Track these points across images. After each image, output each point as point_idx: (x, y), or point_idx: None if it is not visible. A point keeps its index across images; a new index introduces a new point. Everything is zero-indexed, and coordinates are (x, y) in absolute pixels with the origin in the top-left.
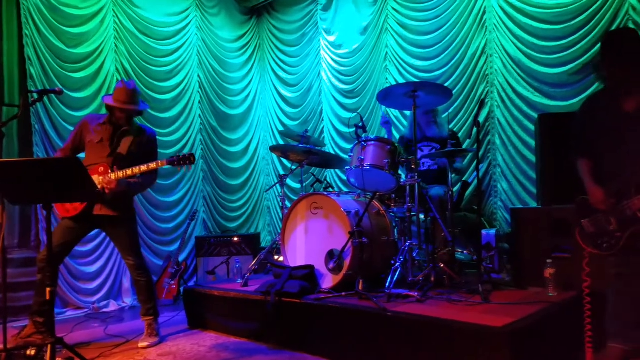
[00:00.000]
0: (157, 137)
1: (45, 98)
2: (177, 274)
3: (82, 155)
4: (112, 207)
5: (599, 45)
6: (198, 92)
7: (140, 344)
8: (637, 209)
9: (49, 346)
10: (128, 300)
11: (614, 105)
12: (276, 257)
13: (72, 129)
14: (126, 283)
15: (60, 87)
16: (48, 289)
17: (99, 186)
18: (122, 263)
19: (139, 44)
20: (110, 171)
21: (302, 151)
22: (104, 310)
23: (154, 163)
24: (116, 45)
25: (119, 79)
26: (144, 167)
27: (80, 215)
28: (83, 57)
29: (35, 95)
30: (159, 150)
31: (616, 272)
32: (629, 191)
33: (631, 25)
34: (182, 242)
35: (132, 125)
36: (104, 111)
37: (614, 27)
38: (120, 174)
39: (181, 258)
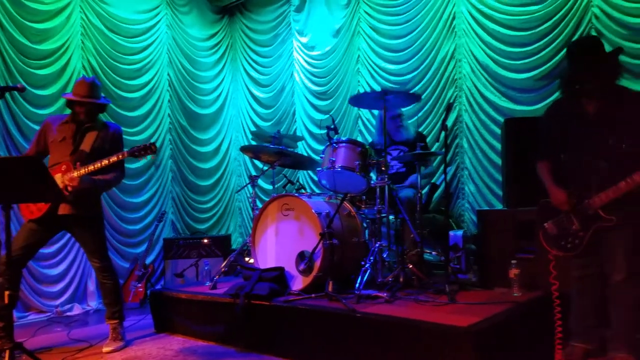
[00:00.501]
0: (125, 137)
1: (7, 95)
2: (144, 277)
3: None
4: (77, 207)
5: (563, 51)
6: (167, 90)
7: (105, 349)
8: (598, 206)
9: (7, 352)
10: (93, 304)
11: (576, 110)
12: (247, 258)
13: (36, 127)
14: (91, 286)
15: (23, 84)
16: (7, 293)
17: (62, 185)
18: (88, 265)
19: (106, 41)
20: (73, 168)
21: (273, 152)
22: (68, 313)
23: (115, 156)
24: (83, 42)
25: (86, 75)
26: (105, 161)
27: (44, 216)
28: (48, 54)
29: None
30: (126, 150)
31: (578, 274)
32: (589, 190)
33: (593, 33)
34: (149, 244)
35: (95, 122)
36: (68, 111)
37: (577, 35)
38: (83, 170)
39: (148, 260)
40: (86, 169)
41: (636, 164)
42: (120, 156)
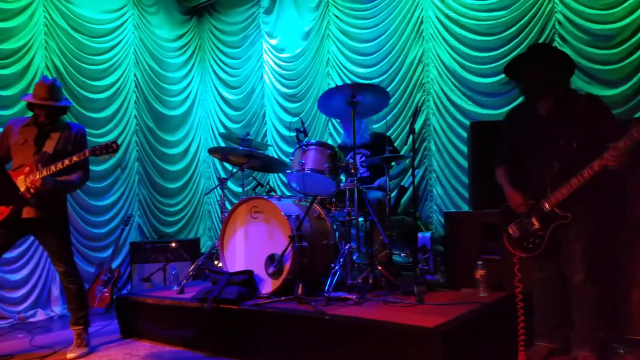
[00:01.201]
0: (90, 139)
1: None
2: (110, 282)
3: None
4: (41, 210)
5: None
6: (134, 91)
7: (69, 355)
8: (554, 205)
9: None
10: (57, 309)
11: (530, 110)
12: (216, 262)
13: None
14: (55, 291)
15: None
16: None
17: (24, 187)
18: (52, 270)
19: (71, 41)
20: (35, 170)
21: (242, 154)
22: (31, 320)
23: (76, 156)
24: (46, 42)
25: (50, 76)
26: (67, 161)
27: (6, 220)
28: (10, 53)
29: None
30: (87, 149)
31: (539, 275)
32: (545, 189)
33: (557, 39)
34: (115, 247)
35: (57, 123)
36: (30, 113)
37: (541, 40)
38: (45, 171)
39: (115, 265)
40: (48, 170)
41: (587, 162)
42: (81, 155)
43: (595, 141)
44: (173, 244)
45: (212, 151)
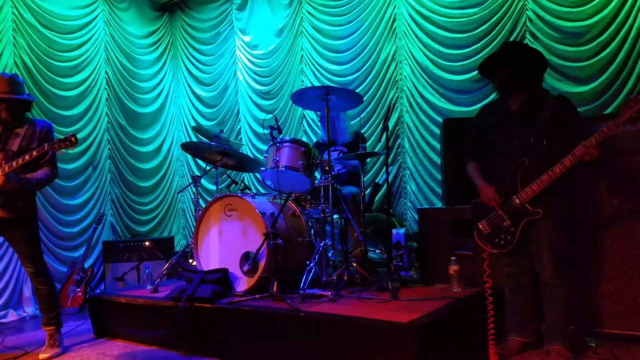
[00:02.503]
0: (61, 136)
1: None
2: (82, 281)
3: None
4: (8, 209)
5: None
6: (105, 89)
7: (41, 356)
8: (525, 201)
9: None
10: (29, 310)
11: (502, 107)
12: (190, 261)
13: None
14: (27, 292)
15: None
16: None
17: None
18: (23, 270)
19: (40, 38)
20: None
21: (216, 151)
22: (2, 320)
23: (35, 150)
24: (15, 38)
25: (18, 74)
26: (27, 157)
27: None
28: None
29: None
30: (62, 150)
31: (509, 270)
32: (516, 186)
33: (528, 36)
34: (87, 247)
35: (20, 119)
36: None
37: (512, 37)
38: (7, 168)
39: (87, 264)
40: (10, 167)
41: (556, 159)
42: (40, 150)
43: (564, 138)
44: (147, 243)
45: (185, 147)
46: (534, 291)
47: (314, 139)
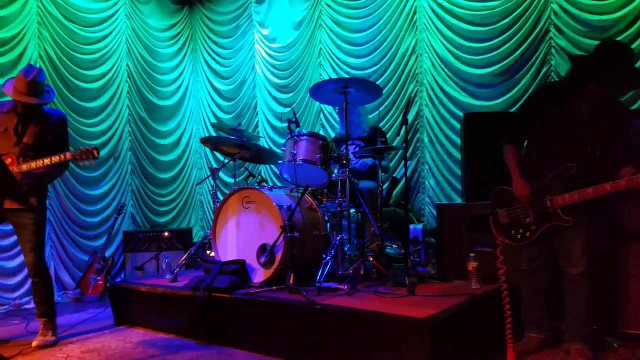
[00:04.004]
0: (83, 128)
1: None
2: (103, 270)
3: None
4: (20, 201)
5: (531, 46)
6: (126, 81)
7: (34, 343)
8: (559, 205)
9: None
10: None
11: (570, 106)
12: (208, 252)
13: None
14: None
15: None
16: None
17: None
18: (46, 257)
19: (64, 30)
20: (16, 163)
21: (234, 144)
22: (26, 306)
23: (57, 157)
24: (39, 31)
25: (42, 66)
26: (47, 161)
27: None
28: (2, 42)
29: None
30: (84, 141)
31: (527, 267)
32: (555, 188)
33: (552, 29)
34: (108, 236)
35: (37, 112)
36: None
37: (536, 31)
38: (25, 166)
39: (108, 253)
40: (28, 166)
41: (605, 172)
42: (62, 157)
43: (615, 151)
44: (166, 234)
45: (204, 140)
46: (552, 287)
47: (332, 133)
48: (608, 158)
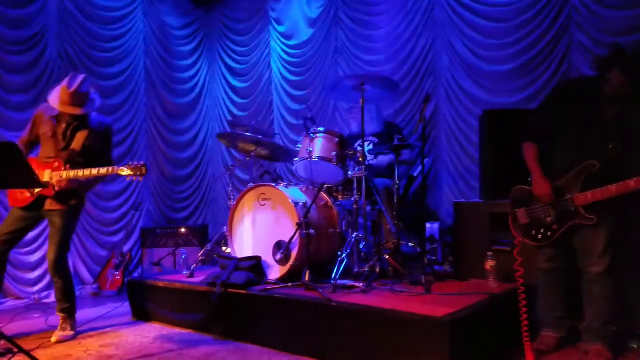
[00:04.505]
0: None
1: None
2: (121, 265)
3: None
4: (60, 201)
5: (553, 44)
6: (144, 79)
7: (53, 339)
8: (581, 204)
9: None
10: None
11: (594, 104)
12: (224, 248)
13: (11, 114)
14: None
15: None
16: None
17: (50, 181)
18: None
19: (82, 29)
20: (63, 169)
21: (250, 141)
22: (45, 300)
23: (105, 169)
24: (59, 29)
25: (62, 64)
26: (94, 172)
27: (30, 206)
28: (23, 40)
29: None
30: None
31: (546, 267)
32: (577, 186)
33: (573, 26)
34: (126, 232)
35: (84, 119)
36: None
37: (556, 28)
38: (72, 174)
39: (126, 249)
40: (76, 175)
41: (627, 169)
42: (110, 170)
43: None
44: (182, 230)
45: (221, 136)
46: (569, 287)
47: (347, 130)
48: (631, 155)
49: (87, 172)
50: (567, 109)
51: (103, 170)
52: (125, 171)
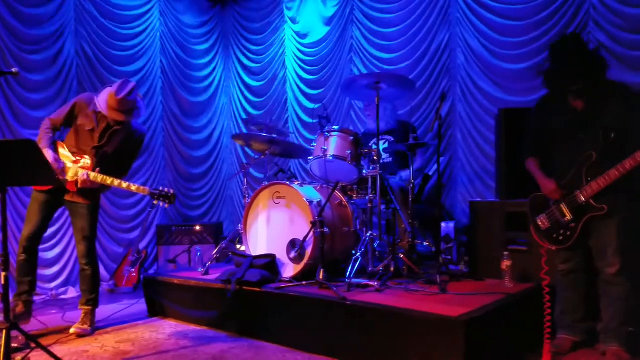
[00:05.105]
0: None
1: (1, 79)
2: (137, 262)
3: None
4: (84, 197)
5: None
6: (160, 78)
7: (72, 330)
8: (589, 196)
9: (4, 331)
10: None
11: (564, 105)
12: (238, 246)
13: (30, 112)
14: None
15: (17, 68)
16: (3, 274)
17: (74, 177)
18: None
19: (100, 28)
20: (91, 169)
21: (265, 140)
22: (63, 297)
23: (136, 187)
24: (77, 28)
25: (79, 63)
26: (124, 185)
27: (53, 190)
28: (42, 39)
29: None
30: (148, 188)
31: (563, 268)
32: (580, 181)
33: (591, 24)
34: (142, 229)
35: (125, 125)
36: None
37: (574, 25)
38: (99, 178)
39: (142, 246)
40: (103, 179)
41: (623, 152)
42: (141, 190)
43: (634, 130)
44: (197, 227)
45: (236, 137)
46: (587, 289)
47: (362, 129)
48: (628, 139)
49: (115, 181)
50: (549, 121)
51: (133, 187)
52: (154, 196)
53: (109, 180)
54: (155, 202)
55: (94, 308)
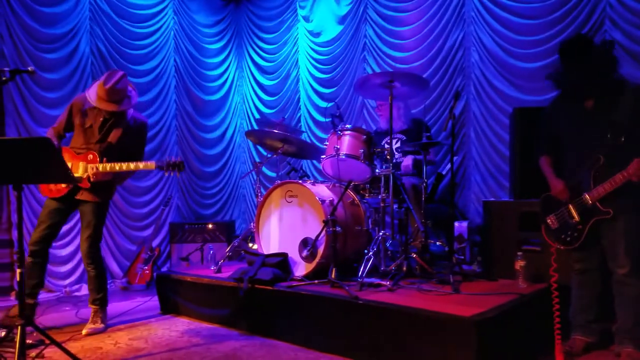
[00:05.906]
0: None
1: (17, 78)
2: (150, 260)
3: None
4: (93, 193)
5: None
6: (174, 76)
7: (84, 331)
8: (596, 199)
9: (19, 327)
10: None
11: (574, 107)
12: (250, 244)
13: (45, 110)
14: None
15: (33, 67)
16: (18, 270)
17: (84, 173)
18: None
19: (114, 26)
20: (98, 161)
21: (277, 138)
22: (76, 294)
23: (142, 163)
24: (91, 27)
25: (94, 61)
26: (132, 165)
27: (64, 197)
28: (56, 38)
29: (8, 75)
30: (154, 162)
31: (578, 267)
32: (588, 184)
33: (607, 22)
34: (155, 227)
35: (121, 115)
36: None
37: (590, 24)
38: (108, 167)
39: (155, 244)
40: (112, 167)
41: (631, 156)
42: (148, 165)
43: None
44: (210, 226)
45: (249, 134)
46: (601, 289)
47: (374, 127)
48: (637, 142)
49: (124, 165)
50: (559, 121)
51: (141, 165)
52: (162, 168)
53: (117, 166)
54: (166, 173)
55: (103, 307)
